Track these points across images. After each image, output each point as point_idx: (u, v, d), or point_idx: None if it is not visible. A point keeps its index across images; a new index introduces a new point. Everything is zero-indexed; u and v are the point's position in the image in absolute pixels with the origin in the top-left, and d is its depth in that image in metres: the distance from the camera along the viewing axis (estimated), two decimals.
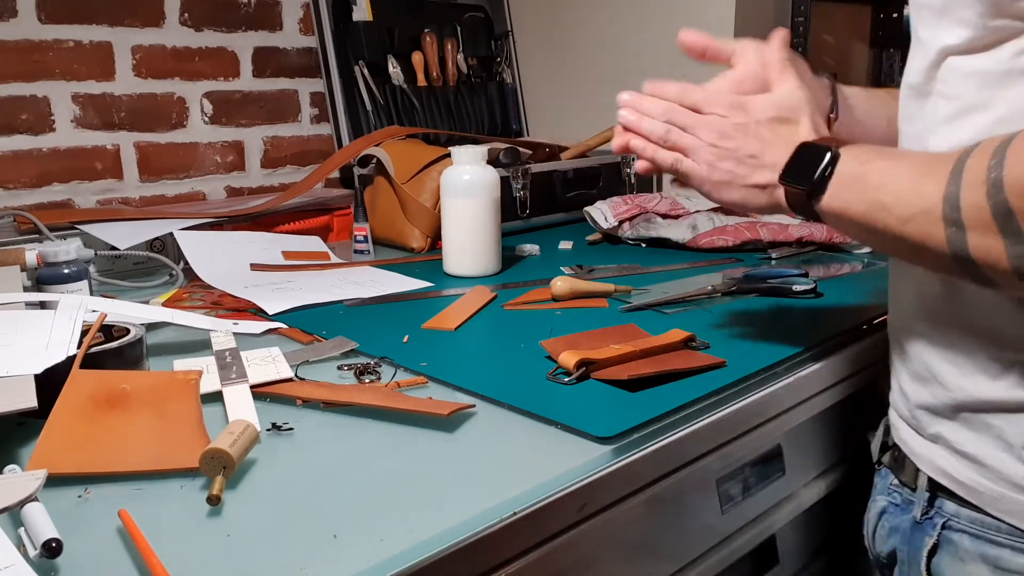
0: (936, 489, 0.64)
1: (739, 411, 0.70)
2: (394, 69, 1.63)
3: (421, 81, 1.66)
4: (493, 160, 1.33)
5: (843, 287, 1.05)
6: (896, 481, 0.71)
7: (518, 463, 0.59)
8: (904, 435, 0.68)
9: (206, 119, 1.47)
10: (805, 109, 0.65)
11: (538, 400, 0.68)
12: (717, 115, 0.66)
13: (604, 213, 1.35)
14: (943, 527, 0.63)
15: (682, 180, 0.69)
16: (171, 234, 1.16)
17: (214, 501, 0.51)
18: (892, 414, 0.72)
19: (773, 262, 1.20)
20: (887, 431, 0.74)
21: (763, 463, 0.81)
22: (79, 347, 0.67)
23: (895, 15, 1.82)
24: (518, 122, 1.83)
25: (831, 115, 0.74)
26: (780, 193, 0.64)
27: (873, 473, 0.76)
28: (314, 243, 1.29)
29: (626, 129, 0.71)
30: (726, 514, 0.75)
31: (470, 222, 1.12)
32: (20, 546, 0.46)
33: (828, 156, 0.59)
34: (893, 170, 0.56)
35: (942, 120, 0.58)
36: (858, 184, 0.58)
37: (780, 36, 0.70)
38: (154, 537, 0.48)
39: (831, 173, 0.59)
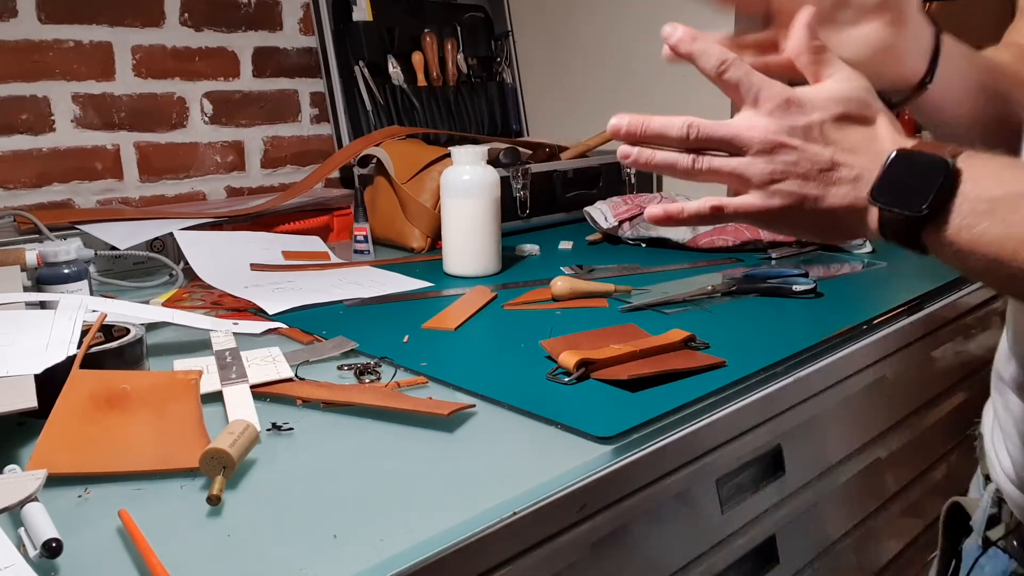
0: None
1: (739, 411, 0.70)
2: (394, 69, 1.62)
3: (421, 81, 1.66)
4: (493, 160, 1.33)
5: (843, 287, 1.05)
6: None
7: (518, 463, 0.59)
8: None
9: (206, 119, 1.47)
10: (876, 104, 0.50)
11: (538, 400, 0.68)
12: (763, 118, 0.48)
13: (604, 213, 1.35)
14: None
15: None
16: (171, 234, 1.16)
17: (214, 501, 0.51)
18: (1014, 491, 0.61)
19: (773, 262, 1.20)
20: (996, 503, 0.63)
21: (763, 463, 0.81)
22: (79, 347, 0.67)
23: None
24: (518, 122, 1.83)
25: (925, 78, 0.56)
26: (871, 218, 0.48)
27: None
28: (314, 243, 1.29)
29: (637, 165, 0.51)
30: (726, 514, 0.75)
31: (470, 222, 1.12)
32: (20, 546, 0.46)
33: (945, 171, 0.45)
34: None
35: None
36: (1001, 211, 0.44)
37: (805, 18, 0.51)
38: (154, 537, 0.48)
39: (953, 194, 0.45)
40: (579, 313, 0.95)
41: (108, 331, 0.74)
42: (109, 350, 0.69)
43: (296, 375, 0.73)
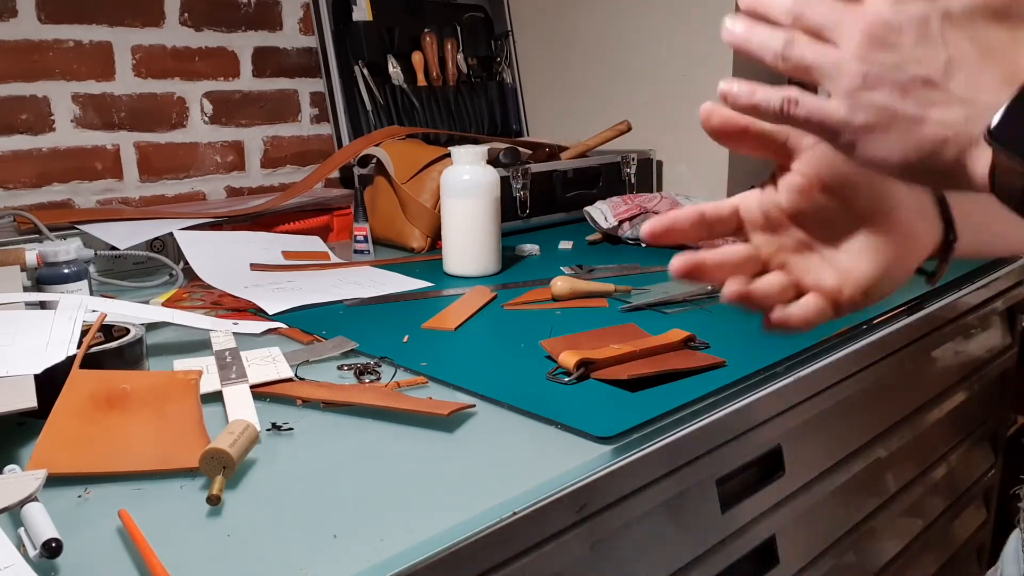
0: None
1: (739, 411, 0.70)
2: (394, 69, 1.62)
3: (421, 81, 1.66)
4: (493, 160, 1.33)
5: None
6: None
7: (518, 463, 0.59)
8: None
9: (206, 119, 1.47)
10: None
11: (538, 400, 0.68)
12: (875, 6, 0.35)
13: (604, 213, 1.35)
14: None
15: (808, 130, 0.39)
16: (171, 234, 1.16)
17: (214, 501, 0.51)
18: None
19: None
20: None
21: (763, 463, 0.81)
22: (79, 347, 0.67)
23: None
24: (518, 122, 1.83)
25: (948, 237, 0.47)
26: (978, 163, 0.34)
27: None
28: (314, 243, 1.29)
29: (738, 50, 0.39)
30: (726, 514, 0.75)
31: (470, 222, 1.12)
32: (20, 546, 0.46)
33: None
34: None
35: None
36: None
37: None
38: (154, 537, 0.47)
39: None
40: (579, 313, 0.95)
41: (108, 331, 0.74)
42: (109, 350, 0.69)
43: (296, 375, 0.73)
